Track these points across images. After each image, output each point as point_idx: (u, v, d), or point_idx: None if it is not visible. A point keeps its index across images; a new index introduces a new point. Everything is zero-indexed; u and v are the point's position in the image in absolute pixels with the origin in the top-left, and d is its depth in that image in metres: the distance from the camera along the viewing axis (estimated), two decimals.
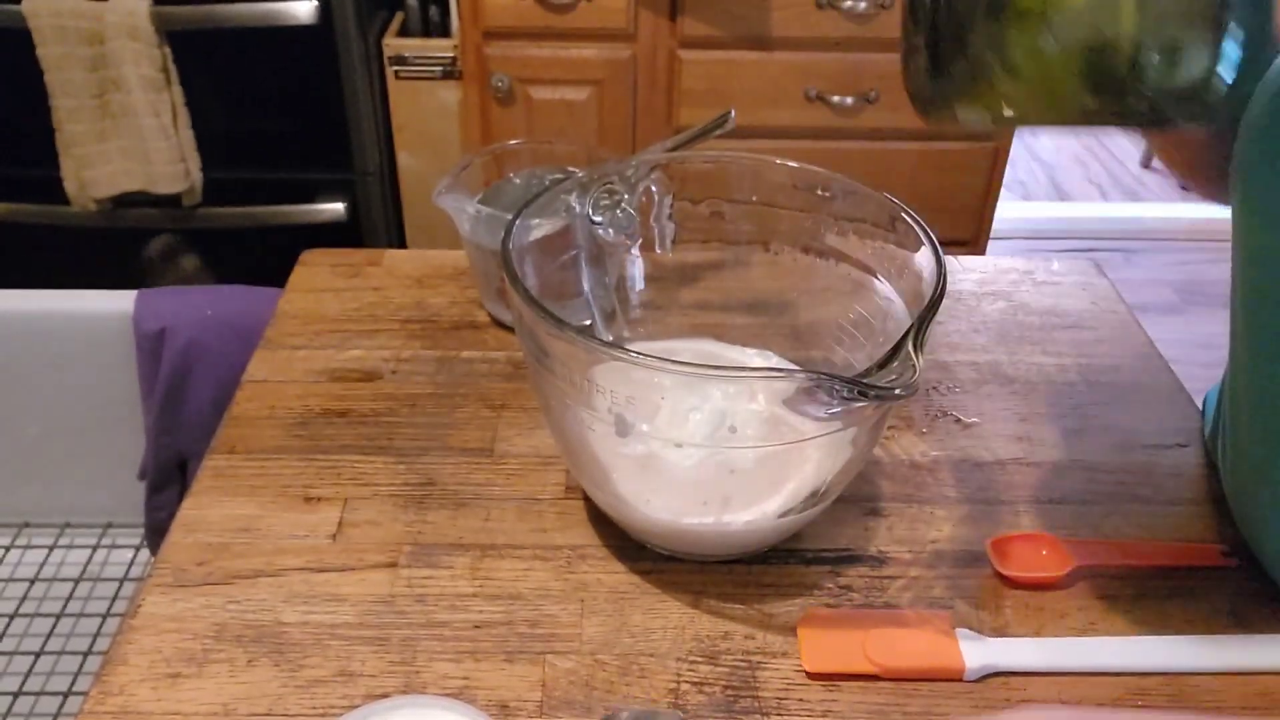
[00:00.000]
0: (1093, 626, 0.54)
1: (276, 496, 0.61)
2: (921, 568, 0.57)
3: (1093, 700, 0.50)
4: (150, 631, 0.53)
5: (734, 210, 0.64)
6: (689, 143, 0.70)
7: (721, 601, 0.55)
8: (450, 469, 0.63)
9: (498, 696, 0.50)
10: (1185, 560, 0.58)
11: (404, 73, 1.62)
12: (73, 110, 1.47)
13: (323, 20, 1.48)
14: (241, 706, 0.49)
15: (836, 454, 0.53)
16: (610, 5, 1.53)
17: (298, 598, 0.55)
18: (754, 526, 0.55)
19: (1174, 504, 0.62)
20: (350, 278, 0.80)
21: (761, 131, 1.61)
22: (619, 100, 1.62)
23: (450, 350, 0.73)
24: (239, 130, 1.60)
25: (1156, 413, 0.69)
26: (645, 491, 0.55)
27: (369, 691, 0.50)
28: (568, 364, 0.51)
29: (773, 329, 0.66)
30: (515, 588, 0.56)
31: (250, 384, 0.70)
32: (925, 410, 0.69)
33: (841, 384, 0.45)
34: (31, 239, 1.68)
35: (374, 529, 0.59)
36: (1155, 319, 2.15)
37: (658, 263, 0.66)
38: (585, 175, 0.62)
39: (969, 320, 0.78)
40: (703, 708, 0.50)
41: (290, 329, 0.75)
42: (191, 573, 0.56)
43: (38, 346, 1.14)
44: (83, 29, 1.42)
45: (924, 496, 0.62)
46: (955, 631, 0.53)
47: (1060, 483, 0.63)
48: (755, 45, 1.57)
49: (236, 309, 1.11)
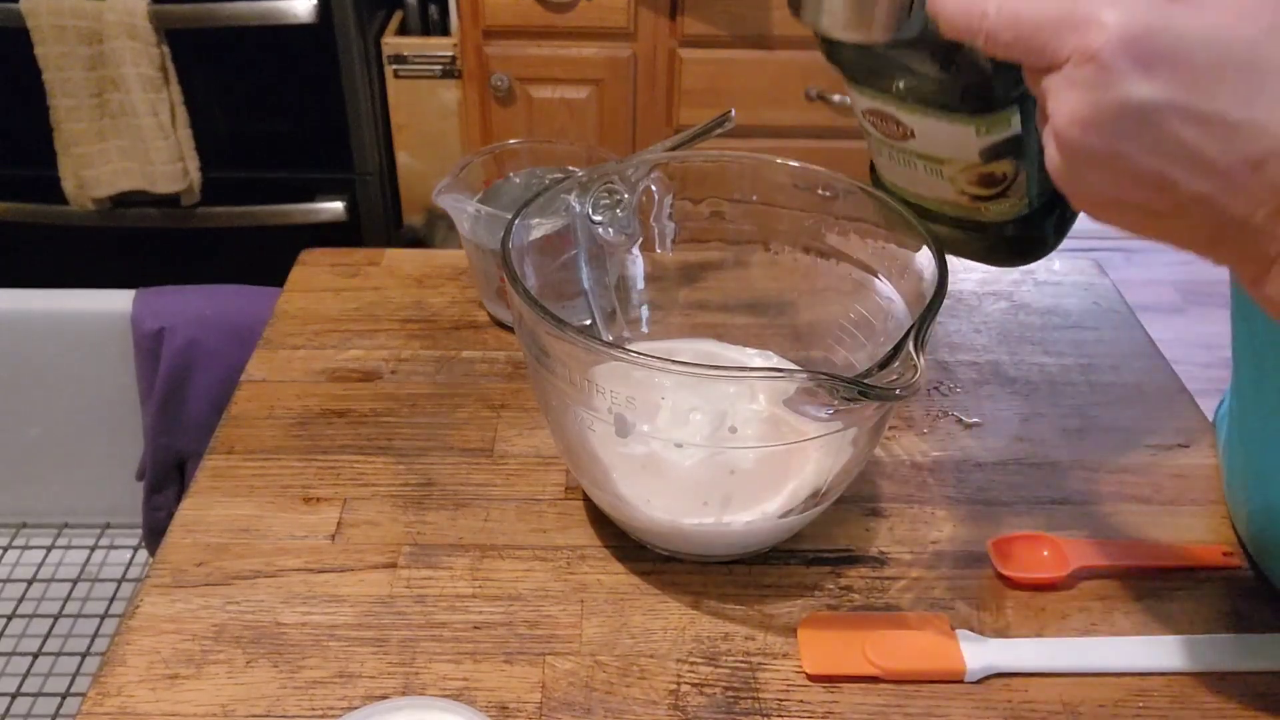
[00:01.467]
0: (1094, 627, 0.54)
1: (275, 497, 0.61)
2: (922, 568, 0.57)
3: (1094, 701, 0.50)
4: (149, 632, 0.53)
5: (734, 210, 0.64)
6: (689, 142, 0.70)
7: (722, 602, 0.55)
8: (450, 469, 0.63)
9: (497, 698, 0.50)
10: (1187, 561, 0.58)
11: (403, 72, 1.61)
12: (71, 109, 1.47)
13: (322, 19, 1.48)
14: (240, 708, 0.49)
15: (837, 454, 0.53)
16: (610, 4, 1.53)
17: (297, 598, 0.55)
18: (754, 527, 0.54)
19: (1175, 505, 0.62)
20: (350, 277, 0.80)
21: (761, 131, 1.61)
22: (619, 100, 1.62)
23: (450, 350, 0.73)
24: (238, 130, 1.60)
25: (1158, 413, 0.69)
26: (645, 492, 0.55)
27: (368, 693, 0.50)
28: (568, 364, 0.51)
29: (773, 329, 0.66)
30: (515, 588, 0.55)
31: (249, 384, 0.70)
32: (926, 410, 0.69)
33: (842, 384, 0.45)
34: (30, 239, 1.67)
35: (373, 529, 0.59)
36: (1156, 319, 2.15)
37: (658, 263, 0.66)
38: (585, 175, 0.62)
39: (970, 320, 0.77)
40: (703, 709, 0.50)
41: (289, 329, 0.75)
42: (190, 573, 0.56)
43: (36, 346, 1.14)
44: (81, 28, 1.42)
45: (925, 497, 0.62)
46: (956, 632, 0.53)
47: (1061, 483, 0.63)
48: (755, 45, 1.57)
49: (235, 309, 1.11)
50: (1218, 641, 0.53)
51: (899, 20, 0.42)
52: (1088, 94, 0.32)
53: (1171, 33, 0.31)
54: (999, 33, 0.35)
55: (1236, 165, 0.32)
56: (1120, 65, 0.32)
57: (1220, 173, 0.32)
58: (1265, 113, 0.31)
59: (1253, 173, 0.32)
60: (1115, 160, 0.33)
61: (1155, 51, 0.31)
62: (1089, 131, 0.33)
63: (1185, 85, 0.31)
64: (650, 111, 1.64)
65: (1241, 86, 0.31)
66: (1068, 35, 0.33)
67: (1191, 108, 0.31)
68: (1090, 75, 0.32)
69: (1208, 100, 0.31)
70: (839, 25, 0.44)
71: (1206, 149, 0.32)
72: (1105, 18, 0.32)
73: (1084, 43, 0.32)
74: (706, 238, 0.65)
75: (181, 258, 1.71)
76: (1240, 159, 0.32)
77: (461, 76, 1.60)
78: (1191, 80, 0.31)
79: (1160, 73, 0.31)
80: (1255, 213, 0.32)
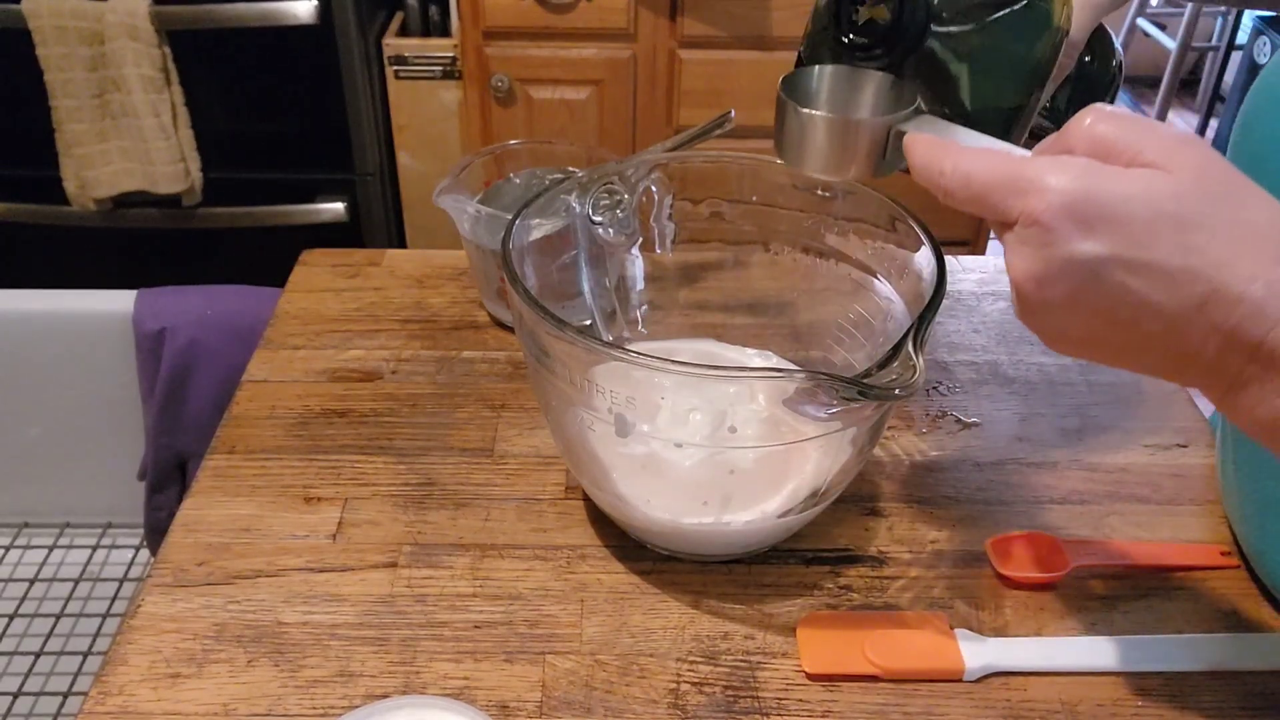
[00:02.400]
0: (1093, 627, 0.54)
1: (276, 496, 0.61)
2: (921, 568, 0.57)
3: (1092, 700, 0.51)
4: (150, 632, 0.53)
5: (734, 210, 0.64)
6: (689, 143, 0.70)
7: (721, 601, 0.55)
8: (450, 469, 0.63)
9: (498, 697, 0.50)
10: (1185, 560, 0.58)
11: (404, 73, 1.62)
12: (73, 110, 1.47)
13: (323, 20, 1.48)
14: (241, 707, 0.49)
15: (836, 454, 0.53)
16: (610, 5, 1.53)
17: (298, 598, 0.55)
18: (754, 526, 0.55)
19: (1173, 504, 0.62)
20: (350, 278, 0.80)
21: (761, 131, 1.60)
22: (619, 100, 1.62)
23: (450, 350, 0.73)
24: (239, 130, 1.60)
25: (1156, 413, 0.69)
26: (645, 491, 0.55)
27: (369, 692, 0.50)
28: (568, 364, 0.51)
29: (773, 329, 0.66)
30: (515, 588, 0.56)
31: (250, 384, 0.70)
32: (925, 410, 0.69)
33: (841, 384, 0.45)
34: (31, 239, 1.68)
35: (374, 529, 0.59)
36: None
37: (658, 263, 0.66)
38: (585, 175, 0.62)
39: (969, 320, 0.78)
40: (703, 708, 0.50)
41: (290, 329, 0.75)
42: (191, 573, 0.56)
43: (38, 346, 1.14)
44: (83, 29, 1.42)
45: (924, 496, 0.62)
46: (955, 632, 0.53)
47: (1060, 483, 0.63)
48: (755, 45, 1.57)
49: (236, 309, 1.11)
50: (1215, 641, 0.54)
51: (876, 162, 0.46)
52: (1037, 252, 0.36)
53: (1108, 194, 0.35)
54: (954, 191, 0.39)
55: (1181, 308, 0.35)
56: (1064, 228, 0.35)
57: (1168, 315, 0.35)
58: (1199, 259, 0.34)
59: (1197, 313, 0.35)
60: (1071, 308, 0.36)
61: (1094, 213, 0.35)
62: (1042, 286, 0.36)
63: (1124, 241, 0.34)
64: (650, 112, 1.64)
65: (1175, 238, 0.34)
66: (1015, 199, 0.36)
67: (1132, 260, 0.35)
68: (1037, 236, 0.36)
69: (1146, 252, 0.34)
70: (820, 168, 0.47)
71: (1152, 295, 0.35)
72: (1048, 182, 0.35)
73: (1029, 207, 0.36)
74: (706, 238, 0.65)
75: (182, 258, 1.72)
76: (1183, 302, 0.35)
77: (462, 77, 1.61)
78: (1129, 236, 0.34)
79: (1100, 231, 0.35)
80: (1205, 347, 0.35)
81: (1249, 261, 0.34)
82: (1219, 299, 0.34)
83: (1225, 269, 0.34)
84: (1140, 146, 0.36)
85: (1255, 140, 0.52)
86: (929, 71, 0.47)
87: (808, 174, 0.48)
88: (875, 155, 0.46)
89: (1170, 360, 0.36)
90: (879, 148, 0.46)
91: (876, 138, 0.46)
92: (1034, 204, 0.36)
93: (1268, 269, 0.34)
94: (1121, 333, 0.36)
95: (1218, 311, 0.34)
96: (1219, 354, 0.35)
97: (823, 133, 0.46)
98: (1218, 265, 0.34)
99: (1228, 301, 0.34)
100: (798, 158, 0.48)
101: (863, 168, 0.47)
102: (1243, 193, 0.35)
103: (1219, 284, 0.34)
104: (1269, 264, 0.34)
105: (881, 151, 0.46)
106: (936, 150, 0.40)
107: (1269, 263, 0.34)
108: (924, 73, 0.47)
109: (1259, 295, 0.34)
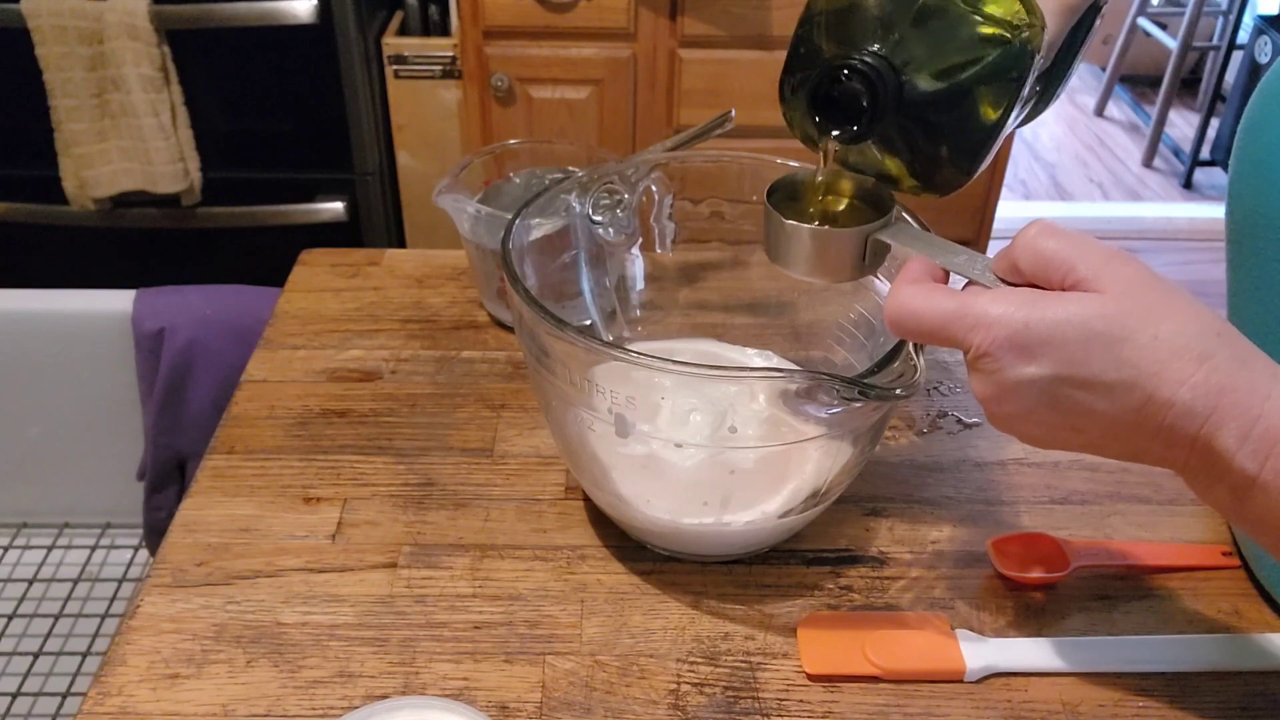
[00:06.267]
0: (1093, 627, 0.54)
1: (276, 497, 0.61)
2: (922, 568, 0.57)
3: (1093, 701, 0.50)
4: (149, 632, 0.53)
5: (734, 210, 0.64)
6: (689, 143, 0.70)
7: (721, 602, 0.55)
8: (450, 469, 0.63)
9: (497, 697, 0.50)
10: (1186, 561, 0.58)
11: (404, 72, 1.61)
12: (72, 110, 1.47)
13: (322, 19, 1.48)
14: (240, 707, 0.49)
15: (837, 454, 0.53)
16: (610, 5, 1.53)
17: (297, 598, 0.55)
18: (754, 527, 0.55)
19: (1174, 504, 0.62)
20: (350, 277, 0.80)
21: (761, 131, 1.60)
22: (619, 100, 1.62)
23: (450, 350, 0.73)
24: (238, 130, 1.60)
25: None
26: (645, 492, 0.55)
27: (368, 692, 0.50)
28: (568, 364, 0.51)
29: (773, 329, 0.66)
30: (515, 588, 0.56)
31: (250, 384, 0.70)
32: (926, 410, 0.69)
33: (842, 384, 0.45)
34: (31, 239, 1.67)
35: (374, 529, 0.59)
36: None
37: (658, 262, 0.66)
38: (585, 175, 0.62)
39: None
40: (703, 708, 0.50)
41: (290, 329, 0.75)
42: (191, 573, 0.56)
43: (37, 346, 1.14)
44: (82, 28, 1.42)
45: (924, 497, 0.62)
46: (956, 632, 0.53)
47: (1060, 483, 0.63)
48: (755, 45, 1.57)
49: (236, 309, 1.11)
50: (1216, 641, 0.53)
51: (857, 266, 0.49)
52: (990, 377, 0.41)
53: (1043, 321, 0.39)
54: (905, 327, 0.43)
55: (1124, 413, 0.39)
56: (1008, 357, 0.40)
57: (1113, 420, 0.39)
58: (1131, 371, 0.38)
59: (1138, 416, 0.39)
60: (1029, 417, 0.41)
61: (1034, 340, 0.39)
62: (1001, 404, 0.41)
63: (1063, 361, 0.39)
64: (650, 112, 1.64)
65: (1107, 353, 0.38)
66: (964, 333, 0.41)
67: (1072, 376, 0.39)
68: (987, 365, 0.41)
69: (1084, 369, 0.39)
70: (806, 272, 0.50)
71: (1096, 405, 0.39)
72: (991, 316, 0.40)
73: (976, 341, 0.40)
74: (706, 238, 0.65)
75: (182, 258, 1.71)
76: (1125, 408, 0.39)
77: (461, 77, 1.60)
78: (1067, 356, 0.39)
79: (1041, 355, 0.39)
80: (1151, 446, 0.40)
81: (1176, 368, 0.38)
82: (1154, 404, 0.38)
83: (1155, 378, 0.38)
84: (1074, 263, 0.40)
85: (1258, 146, 0.52)
86: (908, 127, 0.48)
87: (796, 277, 0.51)
88: (856, 261, 0.49)
89: (1128, 453, 0.41)
90: (859, 254, 0.49)
91: (855, 246, 0.49)
92: (979, 339, 0.40)
93: (1192, 372, 0.38)
94: (1080, 435, 0.41)
95: (1155, 414, 0.39)
96: (1165, 448, 0.40)
97: (805, 242, 0.49)
98: (1149, 375, 0.38)
99: (1162, 405, 0.38)
100: (785, 263, 0.50)
101: (845, 273, 0.50)
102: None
103: (1152, 390, 0.38)
104: (1193, 367, 0.38)
105: (861, 256, 0.49)
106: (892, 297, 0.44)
107: (1193, 366, 0.38)
108: (903, 129, 0.48)
109: (1187, 399, 0.38)
